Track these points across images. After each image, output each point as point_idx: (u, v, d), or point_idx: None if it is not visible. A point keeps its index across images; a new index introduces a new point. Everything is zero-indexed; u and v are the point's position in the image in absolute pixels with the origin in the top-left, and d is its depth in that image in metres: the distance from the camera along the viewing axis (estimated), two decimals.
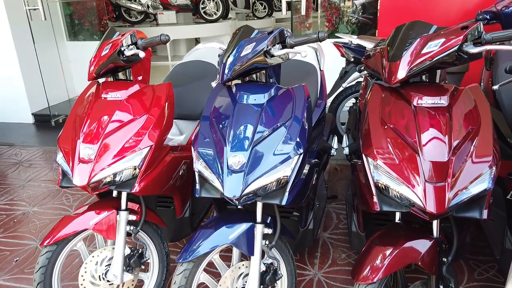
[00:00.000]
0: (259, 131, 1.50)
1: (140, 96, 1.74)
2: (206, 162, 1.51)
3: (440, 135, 1.38)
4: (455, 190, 1.29)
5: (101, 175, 1.57)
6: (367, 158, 1.45)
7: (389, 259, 1.39)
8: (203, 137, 1.57)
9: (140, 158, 1.62)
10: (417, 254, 1.41)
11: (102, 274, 1.75)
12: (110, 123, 1.64)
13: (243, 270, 1.62)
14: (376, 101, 1.57)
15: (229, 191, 1.43)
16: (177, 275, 1.56)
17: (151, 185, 1.69)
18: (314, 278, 2.09)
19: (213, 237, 1.56)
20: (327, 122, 2.65)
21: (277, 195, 1.49)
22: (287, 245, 1.73)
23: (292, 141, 1.49)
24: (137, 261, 1.79)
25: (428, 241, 1.44)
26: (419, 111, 1.45)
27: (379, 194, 1.43)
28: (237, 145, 1.48)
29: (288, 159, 1.46)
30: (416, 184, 1.32)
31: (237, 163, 1.45)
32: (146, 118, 1.68)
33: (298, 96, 1.63)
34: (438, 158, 1.34)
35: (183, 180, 1.94)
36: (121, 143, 1.61)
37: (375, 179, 1.41)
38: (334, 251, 2.28)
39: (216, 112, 1.63)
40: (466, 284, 1.99)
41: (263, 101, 1.58)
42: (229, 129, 1.52)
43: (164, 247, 1.89)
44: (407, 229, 1.53)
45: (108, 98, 1.72)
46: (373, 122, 1.51)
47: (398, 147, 1.40)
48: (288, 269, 1.73)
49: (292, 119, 1.55)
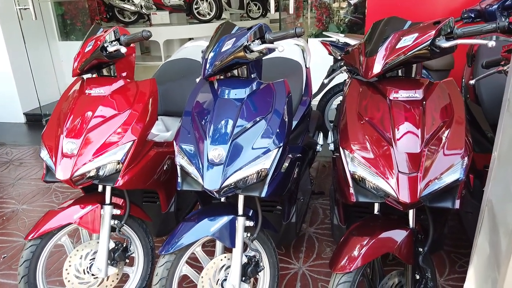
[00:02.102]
0: (239, 125, 1.52)
1: (124, 92, 1.77)
2: (188, 156, 1.54)
3: (414, 127, 1.41)
4: (427, 180, 1.33)
5: (84, 169, 1.60)
6: (344, 150, 1.48)
7: (366, 248, 1.42)
8: (185, 131, 1.60)
9: (123, 153, 1.65)
10: (393, 243, 1.44)
11: (86, 268, 1.77)
12: (94, 118, 1.66)
13: (225, 262, 1.65)
14: (354, 95, 1.61)
15: (209, 184, 1.46)
16: (159, 266, 1.58)
17: (134, 179, 1.71)
18: (298, 272, 2.12)
19: (195, 230, 1.59)
20: (313, 118, 2.68)
21: (257, 187, 1.52)
22: (269, 238, 1.76)
23: (272, 134, 1.52)
24: (122, 255, 1.81)
25: (404, 231, 1.47)
26: (394, 104, 1.49)
27: (355, 185, 1.46)
28: (217, 139, 1.51)
29: (268, 151, 1.49)
30: (390, 175, 1.35)
31: (217, 156, 1.48)
32: (129, 113, 1.70)
33: (279, 90, 1.66)
34: (411, 150, 1.37)
35: (167, 175, 1.96)
36: (104, 137, 1.63)
37: (352, 171, 1.44)
38: (319, 245, 2.32)
39: (198, 107, 1.66)
40: (448, 276, 2.03)
41: (244, 96, 1.61)
42: (209, 124, 1.55)
43: (149, 241, 1.92)
44: (384, 220, 1.56)
45: (92, 93, 1.75)
46: (350, 116, 1.54)
47: (374, 139, 1.44)
48: (270, 261, 1.76)
49: (272, 113, 1.57)
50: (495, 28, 1.33)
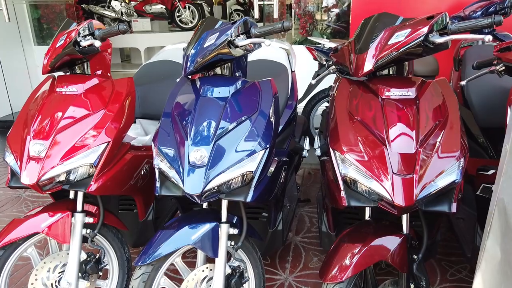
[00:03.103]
0: (223, 125, 1.43)
1: (98, 91, 1.65)
2: (167, 158, 1.43)
3: (408, 127, 1.34)
4: (423, 182, 1.25)
5: (52, 173, 1.46)
6: (335, 152, 1.39)
7: (358, 257, 1.33)
8: (164, 133, 1.49)
9: (96, 155, 1.52)
10: (386, 251, 1.35)
11: (55, 281, 1.62)
12: (64, 118, 1.54)
13: (207, 273, 1.53)
14: (344, 95, 1.53)
15: (190, 188, 1.34)
16: (134, 279, 1.45)
17: (108, 185, 1.58)
18: (284, 283, 2.01)
19: (174, 238, 1.47)
20: (299, 123, 2.61)
21: (242, 192, 1.42)
22: (254, 247, 1.65)
23: (258, 135, 1.43)
24: (94, 267, 1.66)
25: (398, 237, 1.39)
26: (386, 103, 1.42)
27: (346, 189, 1.37)
28: (199, 140, 1.40)
29: (253, 153, 1.39)
30: (384, 177, 1.27)
31: (199, 158, 1.37)
32: (104, 113, 1.58)
33: (265, 90, 1.57)
34: (405, 150, 1.30)
35: (145, 181, 1.84)
36: (75, 138, 1.51)
37: (343, 173, 1.36)
38: (306, 254, 2.21)
39: (178, 107, 1.56)
40: (439, 285, 1.95)
41: (228, 95, 1.52)
42: (191, 124, 1.45)
43: (125, 252, 1.78)
44: (376, 226, 1.47)
45: (64, 92, 1.62)
46: (341, 116, 1.46)
47: (366, 140, 1.36)
48: (255, 271, 1.65)
49: (258, 113, 1.48)
50: (490, 23, 1.27)
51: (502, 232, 0.90)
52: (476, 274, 1.04)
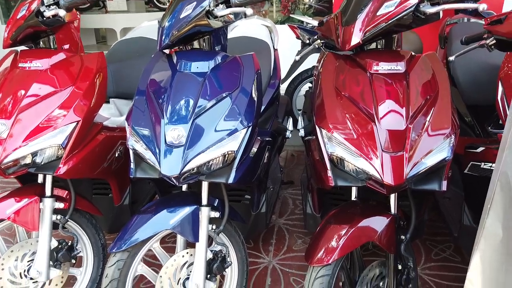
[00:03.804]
0: (201, 102, 1.34)
1: (66, 66, 1.52)
2: (142, 138, 1.33)
3: (397, 103, 1.27)
4: (413, 159, 1.19)
5: (15, 155, 1.35)
6: (321, 129, 1.32)
7: (345, 238, 1.27)
8: (138, 111, 1.39)
9: (65, 136, 1.41)
10: (374, 232, 1.30)
11: (24, 271, 1.52)
12: (28, 96, 1.41)
13: (187, 259, 1.45)
14: (330, 70, 1.45)
15: (167, 169, 1.26)
16: (109, 267, 1.36)
17: (79, 167, 1.47)
18: (268, 266, 1.95)
19: (151, 223, 1.38)
20: (282, 103, 2.53)
21: (223, 173, 1.34)
22: (237, 230, 1.58)
23: (239, 113, 1.34)
24: (66, 254, 1.56)
25: (386, 218, 1.34)
26: (375, 78, 1.35)
27: (333, 168, 1.30)
28: (176, 118, 1.31)
29: (235, 132, 1.31)
30: (373, 154, 1.21)
31: (176, 137, 1.28)
32: (72, 90, 1.46)
33: (247, 65, 1.48)
34: (395, 127, 1.24)
35: (120, 163, 1.73)
36: (40, 118, 1.39)
37: (329, 151, 1.29)
38: (290, 237, 2.16)
39: (153, 84, 1.45)
40: (424, 265, 1.94)
41: (207, 70, 1.42)
42: (167, 102, 1.35)
43: (99, 239, 1.68)
44: (363, 207, 1.42)
45: (27, 67, 1.49)
46: (327, 92, 1.38)
47: (354, 116, 1.29)
48: (238, 256, 1.58)
49: (239, 89, 1.40)
50: None
51: (505, 209, 0.85)
52: (473, 254, 1.00)
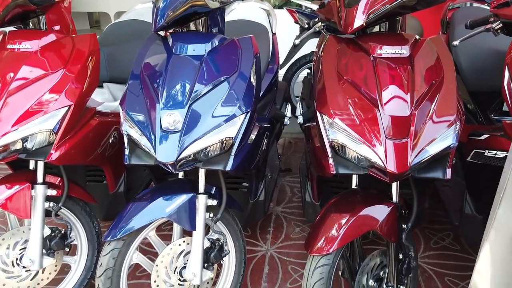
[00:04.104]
0: (198, 86, 1.29)
1: (57, 48, 1.46)
2: (136, 123, 1.29)
3: (402, 88, 1.23)
4: (418, 147, 1.16)
5: (5, 140, 1.29)
6: (322, 115, 1.28)
7: (346, 227, 1.24)
8: (133, 96, 1.34)
9: (56, 120, 1.35)
10: (375, 221, 1.27)
11: (16, 259, 1.48)
12: (17, 79, 1.35)
13: (184, 248, 1.42)
14: (331, 53, 1.40)
15: (162, 156, 1.21)
16: (103, 255, 1.32)
17: (72, 153, 1.43)
18: (266, 254, 1.93)
19: (147, 211, 1.34)
20: (280, 89, 2.47)
21: (221, 160, 1.30)
22: (235, 218, 1.55)
23: (237, 98, 1.30)
24: (60, 243, 1.52)
25: (387, 206, 1.31)
26: (378, 62, 1.30)
27: (335, 155, 1.27)
28: (172, 102, 1.26)
29: (233, 118, 1.27)
30: (376, 141, 1.17)
31: (172, 122, 1.23)
32: (63, 73, 1.40)
33: (245, 48, 1.43)
34: (399, 113, 1.20)
35: (114, 150, 1.68)
36: (30, 101, 1.33)
37: (331, 138, 1.25)
38: (288, 225, 2.14)
39: (148, 68, 1.40)
40: (423, 253, 1.92)
41: (204, 53, 1.37)
42: (162, 86, 1.30)
43: (94, 226, 1.64)
44: (364, 195, 1.39)
45: (16, 49, 1.43)
46: (328, 76, 1.34)
47: (356, 102, 1.25)
48: (236, 244, 1.55)
49: (237, 73, 1.35)
50: None
51: None
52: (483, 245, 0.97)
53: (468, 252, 1.91)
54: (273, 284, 1.75)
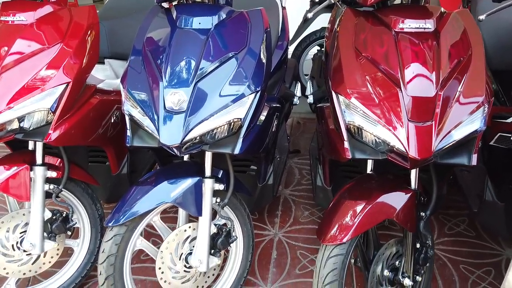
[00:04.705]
0: (204, 63, 1.20)
1: (53, 21, 1.37)
2: (138, 102, 1.20)
3: (426, 66, 1.13)
4: (443, 131, 1.07)
5: (0, 119, 1.22)
6: (338, 96, 1.18)
7: (361, 215, 1.17)
8: (134, 72, 1.26)
9: (53, 99, 1.28)
10: (392, 209, 1.19)
11: (16, 243, 1.43)
12: (11, 54, 1.27)
13: (189, 233, 1.36)
14: (349, 28, 1.29)
15: (166, 138, 1.13)
16: (106, 241, 1.26)
17: (72, 133, 1.35)
18: (274, 238, 1.87)
19: (151, 195, 1.27)
20: (290, 67, 2.36)
21: (229, 142, 1.22)
22: (242, 203, 1.48)
23: (247, 76, 1.20)
24: (61, 226, 1.47)
25: (405, 193, 1.23)
26: (401, 37, 1.19)
27: (350, 138, 1.18)
28: (177, 80, 1.18)
29: (242, 97, 1.18)
30: (397, 124, 1.08)
31: (176, 102, 1.15)
32: (60, 48, 1.31)
33: (255, 21, 1.32)
34: (423, 93, 1.10)
35: (116, 130, 1.61)
36: (26, 78, 1.25)
37: (347, 120, 1.16)
38: (296, 208, 2.07)
39: (150, 43, 1.30)
40: (437, 240, 1.85)
41: (210, 26, 1.27)
42: (166, 62, 1.21)
43: (96, 209, 1.59)
44: (380, 181, 1.31)
45: (10, 21, 1.34)
46: (345, 53, 1.23)
47: (376, 81, 1.15)
48: (243, 229, 1.49)
49: (246, 49, 1.25)
50: None
51: None
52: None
53: (484, 239, 1.84)
54: (281, 270, 1.70)
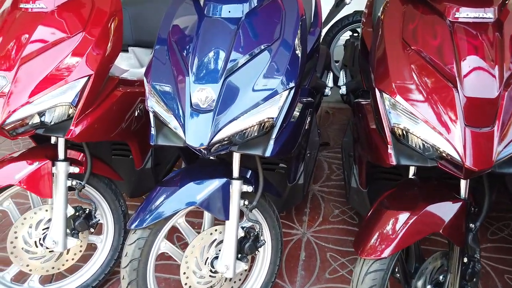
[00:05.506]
0: (234, 56, 1.11)
1: (75, 8, 1.29)
2: (163, 98, 1.12)
3: (487, 61, 0.99)
4: (507, 138, 0.93)
5: (20, 114, 1.16)
6: (382, 93, 1.06)
7: (405, 227, 1.06)
8: (159, 64, 1.18)
9: (75, 92, 1.21)
10: (440, 221, 1.08)
11: (38, 239, 1.39)
12: (31, 43, 1.20)
13: (216, 237, 1.29)
14: (395, 17, 1.16)
15: (193, 138, 1.05)
16: (129, 245, 1.20)
17: (94, 129, 1.29)
18: (302, 238, 1.78)
19: (176, 197, 1.20)
20: (321, 55, 2.22)
21: (259, 143, 1.13)
22: (271, 204, 1.39)
23: (280, 71, 1.10)
24: (84, 223, 1.42)
25: (454, 203, 1.10)
26: (457, 28, 1.05)
27: (395, 142, 1.06)
28: (205, 76, 1.09)
29: (274, 95, 1.08)
30: (452, 128, 0.96)
31: (204, 99, 1.06)
32: (83, 37, 1.24)
33: (289, 9, 1.21)
34: (483, 94, 0.97)
35: (140, 123, 1.53)
36: (46, 70, 1.19)
37: (392, 122, 1.04)
38: (326, 206, 1.97)
39: (176, 32, 1.22)
40: None
41: (241, 15, 1.18)
42: (193, 54, 1.12)
43: (120, 205, 1.53)
44: (425, 187, 1.19)
45: (30, 8, 1.26)
46: (391, 45, 1.11)
47: (427, 77, 1.02)
48: (272, 233, 1.41)
49: (280, 41, 1.15)
50: None
51: None
52: None
53: None
54: (310, 273, 1.61)
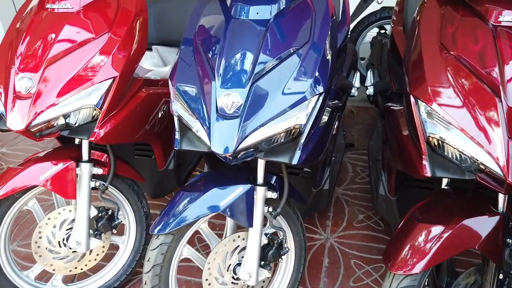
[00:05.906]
0: (263, 59, 1.06)
1: (100, 8, 1.27)
2: (188, 102, 1.09)
3: None
4: None
5: (46, 116, 1.16)
6: (417, 100, 1.01)
7: (439, 242, 1.00)
8: (185, 67, 1.15)
9: (100, 94, 1.19)
10: (477, 236, 1.02)
11: (62, 240, 1.40)
12: (57, 44, 1.19)
13: (238, 243, 1.26)
14: (433, 19, 1.10)
15: (218, 145, 1.02)
16: (151, 250, 1.19)
17: (118, 131, 1.28)
18: (325, 244, 1.74)
19: (199, 203, 1.18)
20: (348, 54, 2.16)
21: (286, 150, 1.09)
22: (295, 211, 1.35)
23: (309, 76, 1.06)
24: (107, 224, 1.42)
25: (492, 217, 1.04)
26: (500, 32, 0.99)
27: (430, 153, 1.01)
28: (231, 80, 1.05)
29: (303, 101, 1.04)
30: (493, 140, 0.90)
31: (230, 105, 1.03)
32: (108, 38, 1.22)
33: (319, 10, 1.16)
34: None
35: (164, 124, 1.52)
36: (72, 72, 1.18)
37: (428, 132, 0.99)
38: (350, 210, 1.92)
39: (202, 33, 1.18)
40: None
41: (269, 16, 1.14)
42: (219, 57, 1.09)
43: (142, 206, 1.53)
44: (459, 199, 1.13)
45: (56, 9, 1.26)
46: (428, 49, 1.05)
47: (467, 85, 0.96)
48: (296, 239, 1.37)
49: (310, 44, 1.10)
50: None
51: None
52: None
53: None
54: (334, 280, 1.57)
